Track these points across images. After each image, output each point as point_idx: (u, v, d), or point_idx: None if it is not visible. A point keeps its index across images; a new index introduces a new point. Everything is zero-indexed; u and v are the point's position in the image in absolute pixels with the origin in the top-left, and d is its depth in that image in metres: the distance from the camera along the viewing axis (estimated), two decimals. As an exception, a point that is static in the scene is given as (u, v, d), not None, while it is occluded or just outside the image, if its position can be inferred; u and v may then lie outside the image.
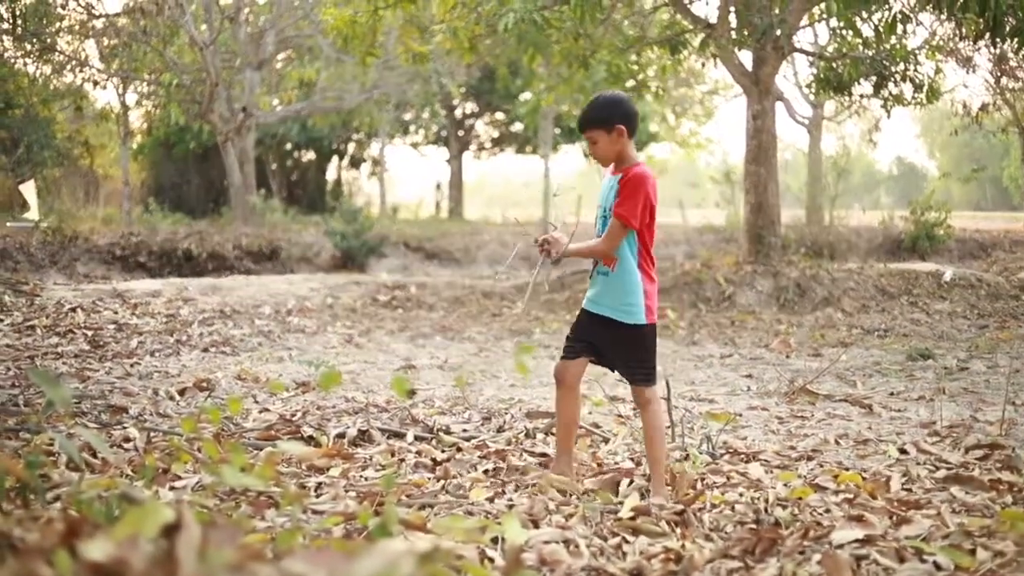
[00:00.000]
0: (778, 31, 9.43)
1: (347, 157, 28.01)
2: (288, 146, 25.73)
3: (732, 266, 10.04)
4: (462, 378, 4.11)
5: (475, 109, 28.02)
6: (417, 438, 3.88)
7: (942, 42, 11.51)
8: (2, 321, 6.84)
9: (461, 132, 28.26)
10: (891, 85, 9.84)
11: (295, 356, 6.41)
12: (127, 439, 3.65)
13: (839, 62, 9.88)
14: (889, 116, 10.78)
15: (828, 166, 19.61)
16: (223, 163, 16.65)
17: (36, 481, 2.09)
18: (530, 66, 12.15)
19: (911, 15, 9.18)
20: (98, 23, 14.84)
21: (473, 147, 29.51)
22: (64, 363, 5.60)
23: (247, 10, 17.07)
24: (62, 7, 14.37)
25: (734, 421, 4.33)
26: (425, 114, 25.76)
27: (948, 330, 8.00)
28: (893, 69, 9.61)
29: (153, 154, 23.29)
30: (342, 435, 3.85)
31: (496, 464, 3.44)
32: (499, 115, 27.90)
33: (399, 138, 28.20)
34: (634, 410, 4.22)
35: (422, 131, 28.05)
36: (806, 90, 17.44)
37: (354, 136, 26.19)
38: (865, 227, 17.42)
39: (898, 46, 9.51)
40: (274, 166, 25.61)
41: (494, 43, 11.56)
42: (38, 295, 8.03)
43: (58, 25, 14.58)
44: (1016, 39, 8.43)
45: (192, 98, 15.83)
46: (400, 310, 9.11)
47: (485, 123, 29.05)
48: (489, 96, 25.94)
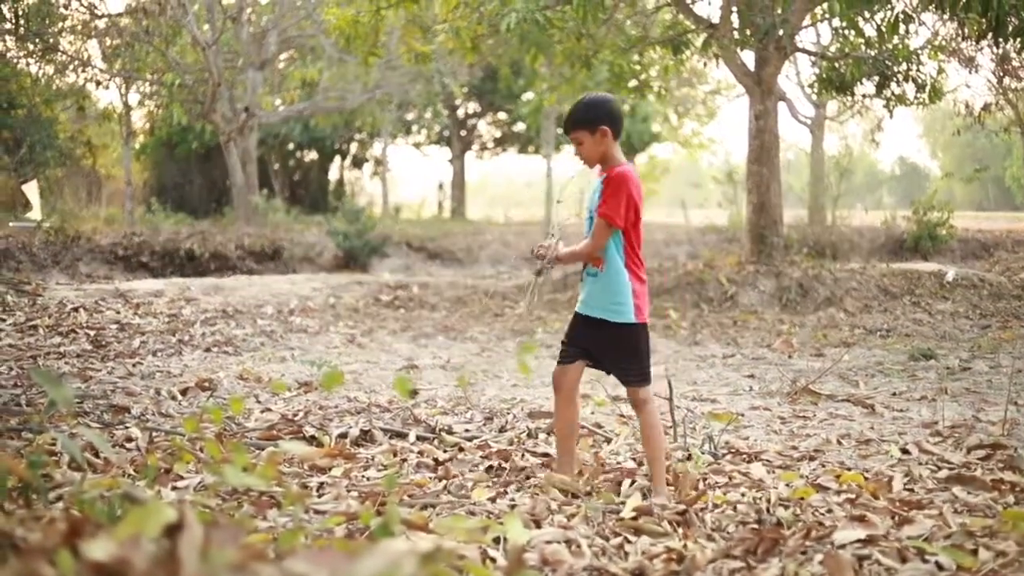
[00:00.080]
0: (780, 31, 9.42)
1: (349, 157, 28.03)
2: (290, 146, 25.75)
3: (734, 266, 10.04)
4: (464, 378, 4.10)
5: (477, 109, 28.03)
6: (419, 438, 3.89)
7: (944, 42, 11.50)
8: (5, 321, 6.85)
9: (463, 132, 28.27)
10: (893, 85, 9.83)
11: (297, 356, 6.42)
12: (129, 439, 3.66)
13: (841, 62, 9.88)
14: (891, 116, 10.77)
15: (830, 166, 19.59)
16: (225, 163, 16.67)
17: (38, 481, 2.10)
18: (532, 66, 12.15)
19: (913, 15, 9.18)
20: (101, 23, 14.84)
21: (475, 147, 29.53)
22: (66, 363, 5.61)
23: (249, 10, 17.08)
24: (65, 7, 14.38)
25: (736, 421, 4.33)
26: (427, 114, 25.80)
27: (950, 330, 7.99)
28: (895, 69, 9.60)
29: (155, 154, 23.31)
30: (344, 435, 3.85)
31: (498, 464, 3.44)
32: (501, 115, 27.92)
33: (401, 138, 28.23)
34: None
35: (424, 131, 28.07)
36: (808, 90, 17.43)
37: (356, 136, 26.22)
38: (867, 227, 17.40)
39: (900, 46, 9.50)
40: (276, 166, 25.62)
41: (496, 43, 11.55)
42: (40, 295, 8.04)
43: (61, 25, 14.58)
44: (1018, 39, 8.42)
45: (194, 98, 15.85)
46: (402, 310, 9.11)
47: (487, 123, 29.06)
48: (491, 96, 25.95)
